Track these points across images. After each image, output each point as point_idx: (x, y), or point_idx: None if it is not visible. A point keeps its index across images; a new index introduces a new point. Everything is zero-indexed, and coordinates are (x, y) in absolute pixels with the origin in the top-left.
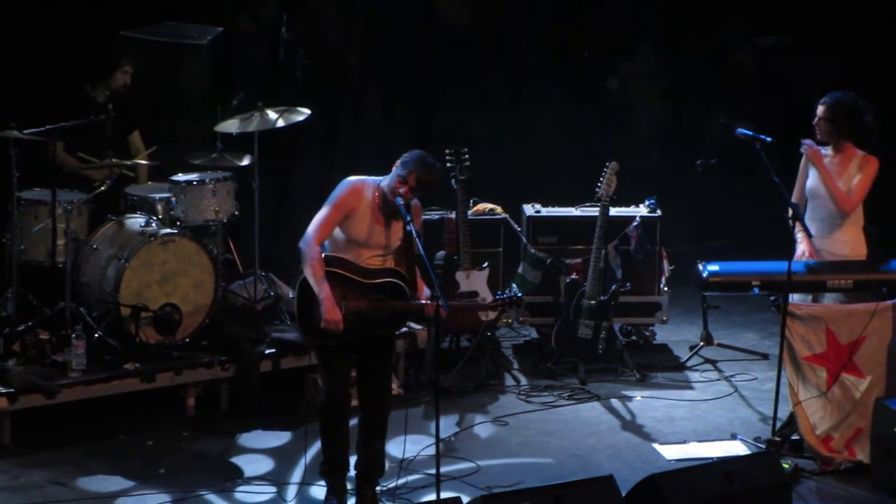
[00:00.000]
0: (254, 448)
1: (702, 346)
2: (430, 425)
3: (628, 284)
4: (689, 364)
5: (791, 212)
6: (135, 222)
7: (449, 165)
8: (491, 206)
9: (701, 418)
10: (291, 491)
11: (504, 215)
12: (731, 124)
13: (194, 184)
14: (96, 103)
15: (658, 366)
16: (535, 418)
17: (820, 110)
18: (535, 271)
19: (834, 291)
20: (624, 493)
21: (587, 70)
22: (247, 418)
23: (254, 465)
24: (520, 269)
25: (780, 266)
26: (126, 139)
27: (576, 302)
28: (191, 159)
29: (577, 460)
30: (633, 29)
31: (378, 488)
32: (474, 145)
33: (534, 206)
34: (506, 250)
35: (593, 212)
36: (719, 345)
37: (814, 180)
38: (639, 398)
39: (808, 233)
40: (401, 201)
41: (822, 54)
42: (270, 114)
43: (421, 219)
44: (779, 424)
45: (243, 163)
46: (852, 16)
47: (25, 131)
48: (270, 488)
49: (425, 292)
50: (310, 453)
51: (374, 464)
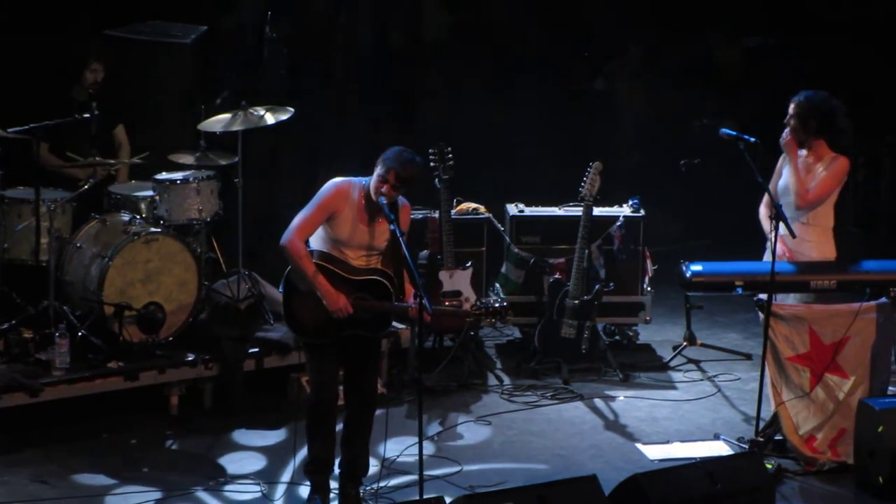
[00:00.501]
0: (237, 447)
1: (685, 346)
2: (413, 425)
3: (612, 284)
4: (672, 364)
5: (774, 212)
6: (118, 221)
7: (432, 165)
8: (474, 205)
9: (684, 418)
10: (279, 490)
11: (487, 215)
12: (713, 126)
13: (178, 182)
14: (79, 102)
15: (641, 366)
16: (519, 418)
17: (791, 108)
18: (518, 271)
19: (817, 292)
20: (607, 493)
21: (571, 70)
22: (230, 417)
23: (237, 464)
24: (503, 269)
25: (763, 266)
26: (110, 134)
27: (559, 301)
28: (174, 158)
29: (560, 460)
30: (619, 29)
31: (361, 488)
32: (458, 144)
33: (517, 205)
34: (489, 250)
35: (577, 211)
36: (702, 345)
37: (785, 179)
38: (622, 398)
39: (791, 233)
40: (384, 200)
41: (807, 55)
42: (254, 112)
43: (409, 220)
44: (762, 425)
45: (227, 161)
46: (837, 16)
47: (9, 130)
48: (254, 487)
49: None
50: (298, 452)
51: (358, 463)
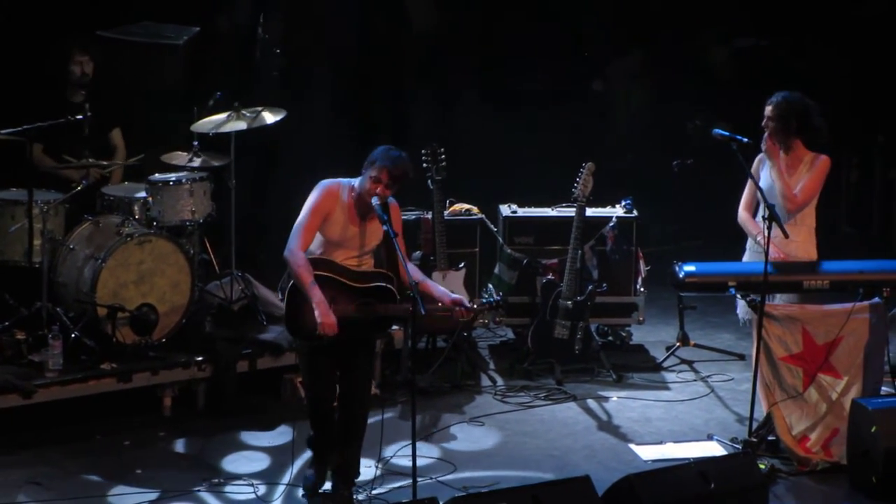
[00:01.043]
0: (230, 448)
1: (678, 346)
2: (406, 426)
3: (604, 285)
4: (665, 365)
5: (768, 212)
6: (111, 222)
7: (425, 165)
8: (467, 206)
9: (677, 419)
10: (277, 491)
11: (480, 215)
12: (705, 127)
13: (171, 184)
14: (72, 104)
15: (634, 366)
16: (512, 419)
17: (768, 110)
18: (511, 272)
19: (810, 292)
20: (600, 494)
21: (565, 70)
22: (224, 418)
23: (230, 465)
24: (496, 270)
25: (756, 266)
26: (106, 137)
27: (552, 302)
28: (167, 159)
29: (553, 461)
30: (612, 30)
31: (354, 489)
32: (450, 145)
33: (510, 206)
34: (482, 251)
35: (569, 212)
36: (696, 345)
37: (766, 181)
38: (615, 399)
39: (785, 233)
40: (377, 201)
41: (799, 56)
42: (247, 114)
43: (400, 219)
44: (755, 425)
45: (220, 163)
46: (829, 18)
47: (2, 131)
48: (248, 488)
49: (436, 289)
50: (298, 456)
51: (351, 465)
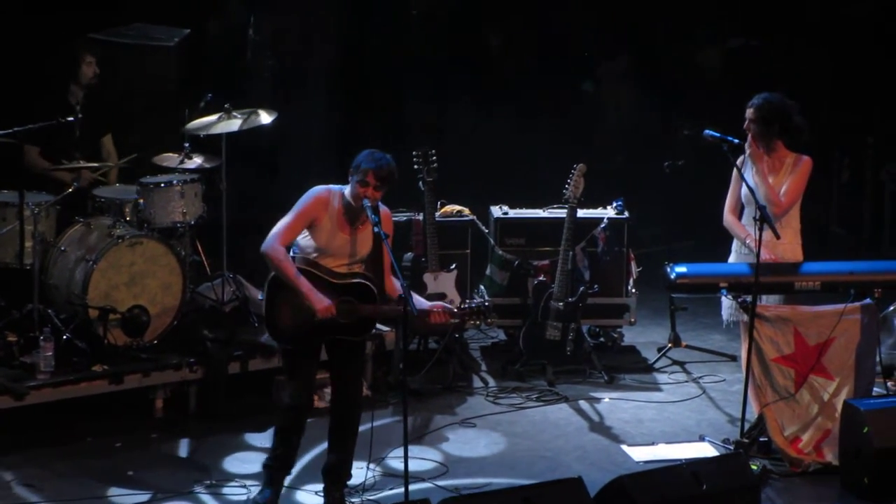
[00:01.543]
0: (222, 449)
1: (670, 347)
2: (398, 427)
3: (596, 286)
4: (657, 366)
5: (759, 214)
6: (103, 224)
7: (416, 167)
8: (458, 207)
9: (669, 420)
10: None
11: (471, 217)
12: (696, 133)
13: (162, 186)
14: (68, 105)
15: (626, 367)
16: (504, 420)
17: (749, 113)
18: (502, 273)
19: (801, 293)
20: (592, 495)
21: (556, 72)
22: (215, 420)
23: (222, 467)
24: (487, 271)
25: (747, 267)
26: (98, 142)
27: (544, 304)
28: (158, 161)
29: (545, 462)
30: (602, 32)
31: (346, 490)
32: (442, 147)
33: (501, 207)
34: (473, 252)
35: (561, 213)
36: (687, 346)
37: (750, 184)
38: (607, 400)
39: (776, 234)
40: (368, 203)
41: (789, 56)
42: (238, 115)
43: (392, 225)
44: (747, 426)
45: (211, 164)
46: (816, 18)
47: None
48: (241, 490)
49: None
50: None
51: (343, 467)
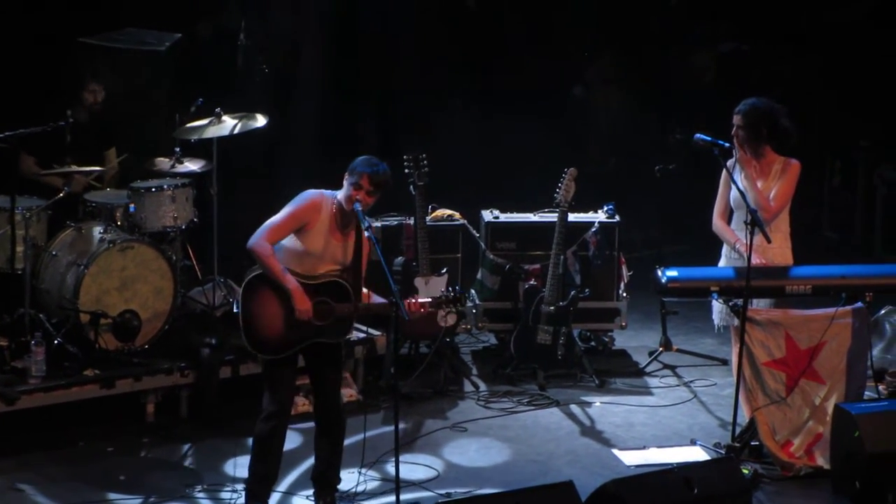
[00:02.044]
0: (213, 454)
1: (661, 351)
2: (389, 431)
3: (587, 290)
4: (648, 370)
5: (750, 217)
6: (94, 229)
7: (407, 171)
8: (449, 211)
9: (660, 424)
10: (274, 499)
11: (462, 221)
12: (686, 137)
13: (153, 190)
14: (79, 123)
15: (617, 371)
16: (495, 424)
17: (736, 119)
18: (493, 277)
19: (793, 297)
20: (584, 499)
21: (546, 76)
22: (207, 424)
23: (214, 471)
24: (478, 275)
25: (738, 271)
26: (103, 154)
27: (535, 308)
28: (149, 165)
29: (536, 466)
30: (594, 35)
31: (337, 495)
32: (433, 151)
33: (492, 211)
34: (464, 256)
35: (552, 217)
36: (678, 350)
37: (737, 191)
38: (598, 404)
39: (767, 238)
40: (359, 207)
41: (781, 60)
42: (228, 120)
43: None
44: (738, 430)
45: (202, 169)
46: (811, 23)
47: None
48: (232, 494)
49: (374, 298)
50: (290, 458)
51: (332, 470)
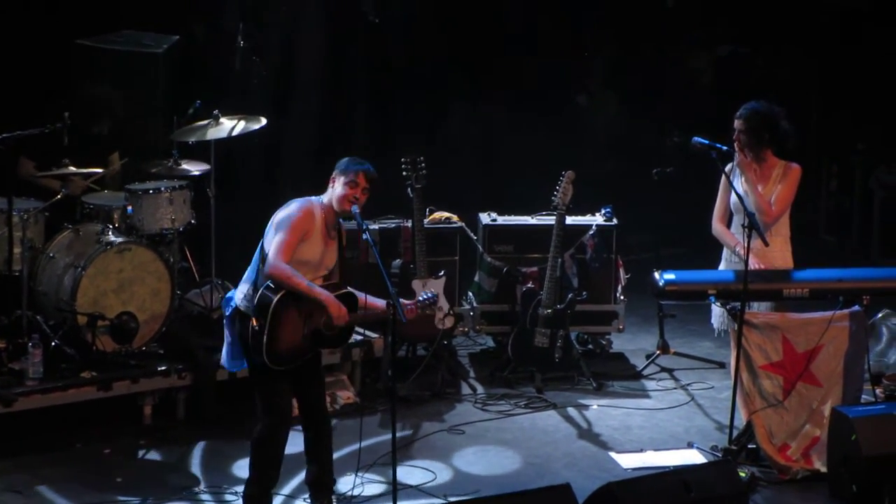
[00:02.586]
0: (210, 456)
1: (658, 354)
2: (386, 434)
3: (585, 293)
4: (645, 373)
5: (748, 221)
6: (91, 231)
7: (405, 174)
8: (447, 214)
9: (658, 427)
10: (276, 501)
11: (460, 224)
12: (684, 140)
13: (150, 192)
14: (99, 135)
15: (615, 374)
16: (492, 427)
17: (738, 124)
18: (491, 280)
19: (790, 300)
20: (581, 502)
21: (546, 77)
22: (204, 426)
23: (210, 473)
24: (476, 278)
25: (736, 275)
26: (107, 158)
27: (532, 310)
28: (147, 167)
29: (533, 469)
30: (591, 38)
31: (334, 497)
32: (431, 154)
33: (490, 214)
34: (462, 259)
35: (549, 220)
36: (676, 353)
37: (739, 192)
38: (595, 407)
39: (765, 242)
40: (357, 209)
41: (778, 63)
42: (226, 122)
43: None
44: (735, 433)
45: (200, 171)
46: (808, 26)
47: None
48: (229, 497)
49: (371, 300)
50: (293, 462)
51: (326, 474)
